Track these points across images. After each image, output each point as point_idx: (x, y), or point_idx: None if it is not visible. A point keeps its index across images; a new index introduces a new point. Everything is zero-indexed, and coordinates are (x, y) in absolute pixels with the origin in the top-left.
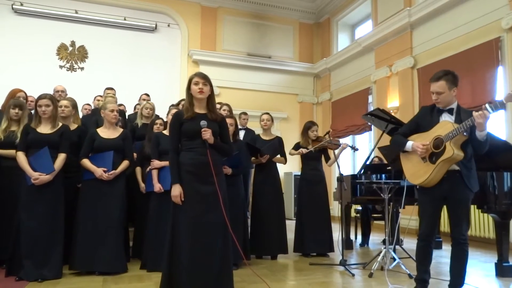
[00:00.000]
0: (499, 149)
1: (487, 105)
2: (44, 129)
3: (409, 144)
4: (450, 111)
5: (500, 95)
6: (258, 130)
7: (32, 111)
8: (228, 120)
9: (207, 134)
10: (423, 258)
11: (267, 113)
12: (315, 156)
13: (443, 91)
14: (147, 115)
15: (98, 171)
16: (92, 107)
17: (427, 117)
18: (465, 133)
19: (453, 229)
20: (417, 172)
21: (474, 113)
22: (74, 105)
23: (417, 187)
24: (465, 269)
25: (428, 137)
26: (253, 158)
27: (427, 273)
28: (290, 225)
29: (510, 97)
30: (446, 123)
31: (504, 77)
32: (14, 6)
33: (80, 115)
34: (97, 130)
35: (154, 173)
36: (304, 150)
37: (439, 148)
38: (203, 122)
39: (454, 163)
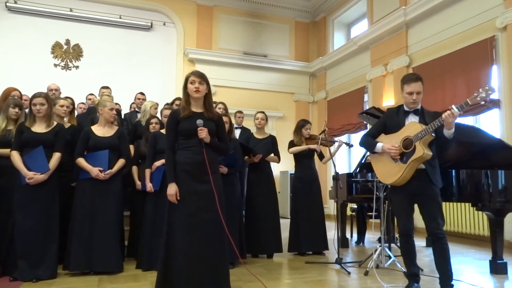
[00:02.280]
0: (494, 147)
1: (453, 106)
2: (39, 128)
3: (379, 145)
4: (416, 112)
5: (494, 94)
6: (254, 129)
7: (27, 110)
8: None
9: (203, 133)
10: (408, 252)
11: (262, 112)
12: (309, 154)
13: (421, 91)
14: (154, 114)
15: (94, 171)
16: (87, 106)
17: (393, 118)
18: (432, 134)
19: (428, 225)
20: (389, 172)
21: (444, 114)
22: (73, 105)
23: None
24: (449, 263)
25: (397, 138)
26: (246, 157)
27: (415, 266)
28: (287, 224)
29: (474, 98)
30: (414, 124)
31: (498, 76)
32: (7, 4)
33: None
34: (92, 128)
35: (147, 173)
36: (312, 147)
37: (409, 149)
38: (199, 121)
39: (422, 162)
